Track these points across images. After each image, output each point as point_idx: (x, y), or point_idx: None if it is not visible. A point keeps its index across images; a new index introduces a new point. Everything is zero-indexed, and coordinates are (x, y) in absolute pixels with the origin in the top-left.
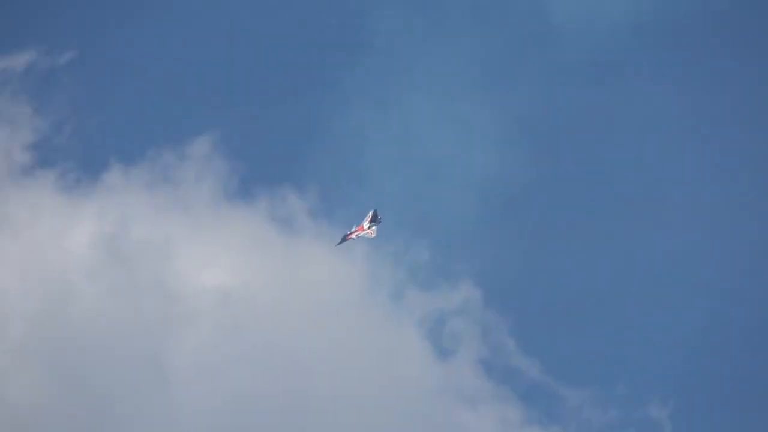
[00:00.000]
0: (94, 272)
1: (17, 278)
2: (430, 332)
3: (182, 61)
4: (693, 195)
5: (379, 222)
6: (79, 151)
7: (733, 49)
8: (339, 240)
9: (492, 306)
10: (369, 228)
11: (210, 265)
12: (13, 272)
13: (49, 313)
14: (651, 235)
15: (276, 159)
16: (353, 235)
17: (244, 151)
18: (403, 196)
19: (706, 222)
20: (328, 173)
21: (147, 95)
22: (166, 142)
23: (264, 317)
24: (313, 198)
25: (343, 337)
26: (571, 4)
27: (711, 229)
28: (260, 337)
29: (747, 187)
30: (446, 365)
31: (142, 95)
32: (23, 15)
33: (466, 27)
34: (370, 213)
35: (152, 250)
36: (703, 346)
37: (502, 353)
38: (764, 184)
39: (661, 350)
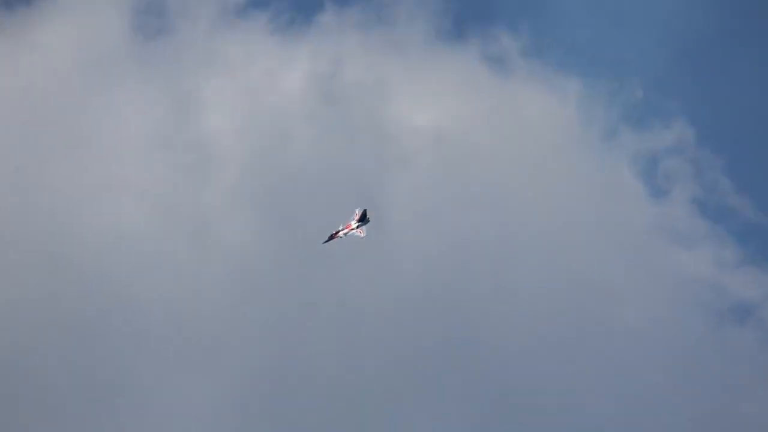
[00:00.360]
0: (307, 114)
1: (231, 120)
2: (644, 172)
3: None
4: None
5: (368, 221)
6: None
7: None
8: (326, 238)
9: (706, 144)
10: (357, 227)
11: (423, 106)
12: (227, 114)
13: (263, 155)
14: None
15: None
16: (341, 233)
17: None
18: (611, 36)
19: None
20: (540, 14)
21: None
22: None
23: (477, 157)
24: (525, 38)
25: (555, 176)
26: None
27: None
28: (474, 177)
29: None
30: (660, 205)
31: None
32: None
33: None
34: (358, 212)
35: (366, 91)
36: None
37: (716, 192)
38: None
39: None
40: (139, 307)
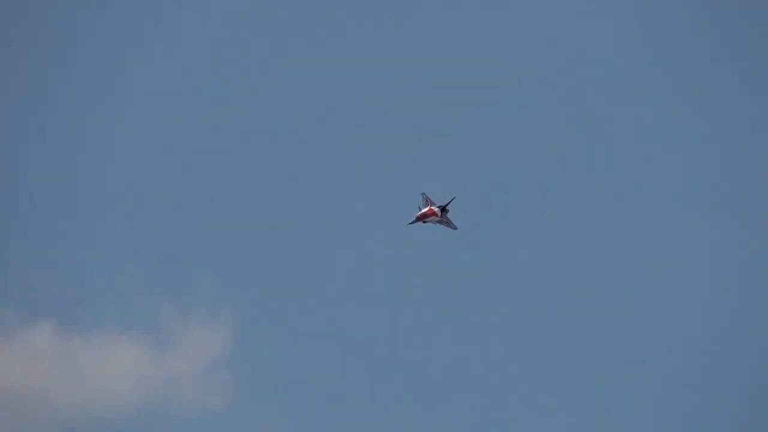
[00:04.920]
0: None
1: None
2: None
3: None
4: None
5: (448, 211)
6: None
7: None
8: (413, 219)
9: None
10: (442, 215)
11: None
12: None
13: None
14: None
15: None
16: (428, 219)
17: None
18: None
19: None
20: None
21: None
22: None
23: None
24: None
25: None
26: None
27: None
28: None
29: None
30: None
31: None
32: None
33: None
34: (427, 197)
35: None
36: None
37: None
38: None
39: None
40: None
